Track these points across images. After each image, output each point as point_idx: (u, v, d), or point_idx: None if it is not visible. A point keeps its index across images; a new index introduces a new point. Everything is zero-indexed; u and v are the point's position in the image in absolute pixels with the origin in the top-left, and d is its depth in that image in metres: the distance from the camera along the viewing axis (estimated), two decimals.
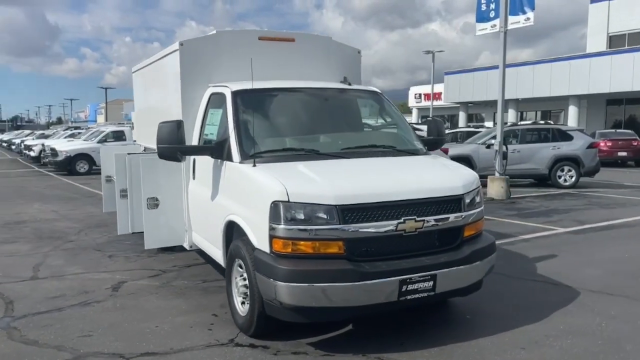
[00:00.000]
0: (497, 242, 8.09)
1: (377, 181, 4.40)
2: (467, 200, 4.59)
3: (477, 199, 4.75)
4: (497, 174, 13.47)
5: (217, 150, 4.92)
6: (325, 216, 4.03)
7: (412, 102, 54.70)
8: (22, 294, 5.95)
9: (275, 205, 4.06)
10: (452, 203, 4.48)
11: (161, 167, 5.88)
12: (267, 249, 4.13)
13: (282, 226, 4.03)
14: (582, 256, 7.46)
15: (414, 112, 54.64)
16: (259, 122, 5.17)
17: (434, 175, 4.71)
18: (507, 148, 13.82)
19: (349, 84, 5.80)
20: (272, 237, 4.09)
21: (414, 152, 5.26)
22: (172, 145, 4.82)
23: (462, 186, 4.58)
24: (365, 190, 4.22)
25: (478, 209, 4.71)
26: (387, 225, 4.15)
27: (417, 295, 4.22)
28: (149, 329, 4.86)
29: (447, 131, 21.13)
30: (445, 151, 13.64)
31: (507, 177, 13.37)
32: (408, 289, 4.16)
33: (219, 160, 4.99)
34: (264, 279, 4.10)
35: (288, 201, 4.04)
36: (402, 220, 4.19)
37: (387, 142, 5.32)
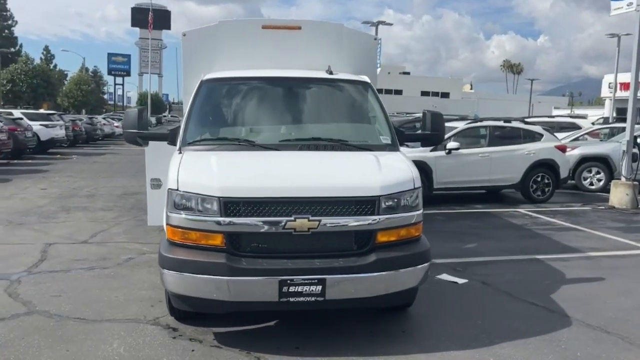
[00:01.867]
0: (555, 256, 7.16)
1: (273, 176, 4.23)
2: (387, 204, 4.17)
3: (407, 203, 4.28)
4: (623, 179, 11.54)
5: (172, 137, 5.15)
6: (209, 207, 4.03)
7: (605, 92, 48.46)
8: (59, 254, 6.93)
9: (169, 193, 4.17)
10: (362, 205, 4.11)
11: (164, 150, 6.31)
12: (166, 236, 4.27)
13: (172, 214, 4.14)
14: (633, 283, 6.17)
15: (607, 103, 48.31)
16: (215, 111, 5.29)
17: (349, 174, 4.36)
18: (639, 148, 11.73)
19: (331, 73, 5.56)
20: (166, 224, 4.21)
21: (368, 148, 4.89)
22: (134, 131, 5.17)
23: (381, 187, 4.16)
24: (255, 184, 4.10)
25: (405, 214, 4.25)
26: (274, 222, 3.99)
27: (301, 299, 4.00)
28: (107, 297, 5.34)
29: (597, 126, 18.51)
30: (562, 149, 12.12)
31: (636, 183, 11.37)
32: (290, 290, 3.96)
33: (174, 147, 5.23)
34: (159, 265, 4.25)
35: (177, 189, 4.12)
36: (292, 218, 3.99)
37: (341, 135, 5.02)
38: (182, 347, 4.25)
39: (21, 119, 21.21)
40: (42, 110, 29.53)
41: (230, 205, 4.00)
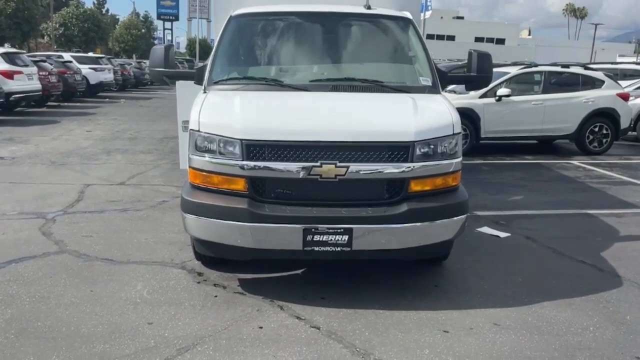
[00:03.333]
0: (609, 211, 6.67)
1: (299, 119, 3.95)
2: (422, 150, 3.85)
3: (444, 149, 3.93)
4: None
5: (198, 76, 4.91)
6: (231, 150, 3.82)
7: None
8: (96, 195, 6.97)
9: (191, 134, 3.97)
10: (395, 151, 3.80)
11: (195, 91, 6.10)
12: (188, 180, 4.11)
13: (194, 156, 3.95)
14: None
15: None
16: (243, 48, 4.99)
17: (382, 118, 4.02)
18: None
19: (369, 8, 5.13)
20: (189, 167, 4.04)
21: (406, 90, 4.51)
22: (160, 69, 4.96)
23: (415, 132, 3.83)
24: (279, 126, 3.84)
25: (442, 161, 3.91)
26: (298, 168, 3.74)
27: (327, 248, 3.78)
28: (137, 239, 5.30)
29: None
30: (625, 97, 11.26)
31: None
32: (315, 239, 3.75)
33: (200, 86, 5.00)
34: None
35: (199, 130, 3.91)
36: (318, 164, 3.73)
37: (377, 75, 4.65)
38: (205, 293, 4.15)
39: (70, 62, 21.51)
40: (91, 54, 29.90)
41: (253, 149, 3.77)
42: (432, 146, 3.89)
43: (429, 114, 4.10)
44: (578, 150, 11.25)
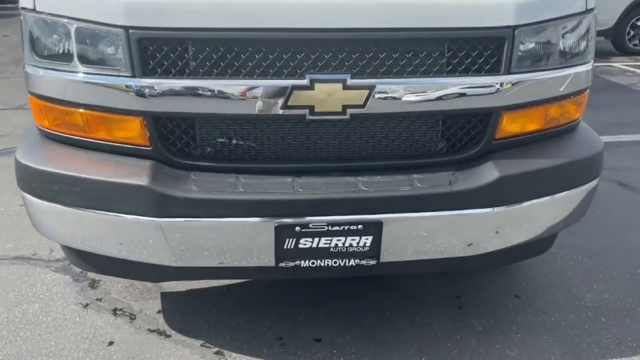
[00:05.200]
0: None
1: None
2: (528, 45, 1.79)
3: (570, 44, 1.88)
4: None
5: None
6: (108, 52, 1.69)
7: None
8: None
9: (24, 20, 1.79)
10: (475, 48, 1.73)
11: None
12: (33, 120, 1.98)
13: (33, 68, 1.80)
14: None
15: None
16: None
17: None
18: None
19: None
20: (29, 92, 1.89)
21: None
22: None
23: (517, 6, 1.73)
24: None
25: (565, 68, 1.86)
26: (260, 92, 1.67)
27: (328, 263, 1.79)
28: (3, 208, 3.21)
29: None
30: None
31: None
32: (301, 246, 1.74)
33: None
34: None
35: (35, 10, 1.74)
36: (304, 82, 1.65)
37: None
38: (94, 330, 2.17)
39: None
40: None
41: (156, 49, 1.65)
42: (546, 37, 1.81)
43: None
44: (615, 50, 9.15)
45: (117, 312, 2.29)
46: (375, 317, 2.28)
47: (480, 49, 1.74)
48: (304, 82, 1.66)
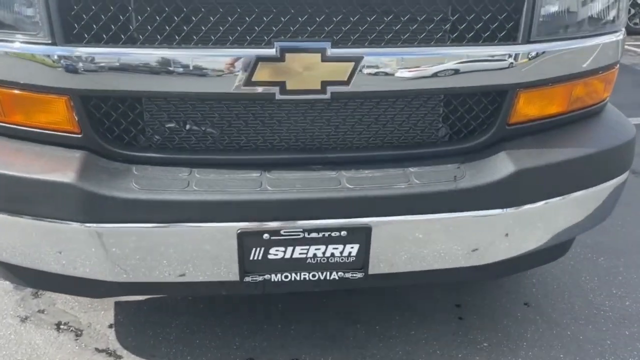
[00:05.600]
0: None
1: None
2: (551, 9, 1.43)
3: (599, 10, 1.53)
4: None
5: None
6: (17, 10, 1.32)
7: None
8: None
9: None
10: (486, 11, 1.38)
11: None
12: None
13: None
14: None
15: None
16: None
17: None
18: None
19: None
20: None
21: None
22: None
23: None
24: None
25: (593, 38, 1.52)
26: (213, 61, 1.31)
27: (304, 276, 1.46)
28: None
29: None
30: None
31: None
32: (270, 256, 1.40)
33: None
34: None
35: None
36: (274, 53, 1.30)
37: None
38: (31, 350, 1.83)
39: None
40: None
41: (76, 5, 1.29)
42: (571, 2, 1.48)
43: None
44: None
45: (61, 327, 1.95)
46: (364, 330, 1.97)
47: (493, 11, 1.39)
48: (272, 51, 1.30)
